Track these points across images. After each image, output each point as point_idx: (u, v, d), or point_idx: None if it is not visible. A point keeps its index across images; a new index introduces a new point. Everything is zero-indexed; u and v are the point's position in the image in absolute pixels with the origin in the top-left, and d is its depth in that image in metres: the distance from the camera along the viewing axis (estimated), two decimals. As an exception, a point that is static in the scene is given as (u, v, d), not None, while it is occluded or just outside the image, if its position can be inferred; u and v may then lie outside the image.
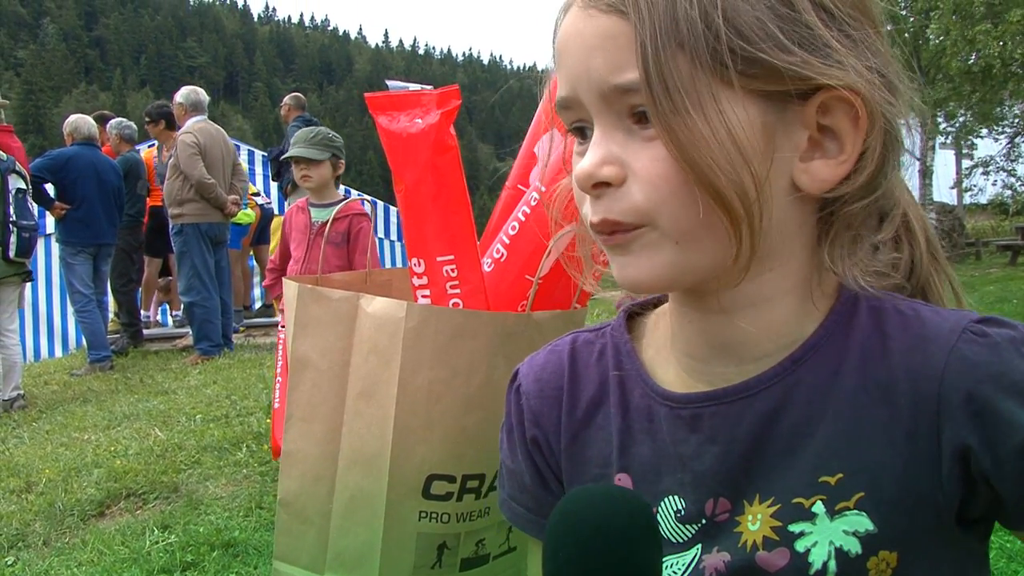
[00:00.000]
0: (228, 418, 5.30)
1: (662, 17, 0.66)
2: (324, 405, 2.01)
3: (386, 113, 2.01)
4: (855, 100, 0.70)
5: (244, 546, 3.39)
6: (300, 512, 2.06)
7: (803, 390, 0.76)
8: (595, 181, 0.71)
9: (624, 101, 0.70)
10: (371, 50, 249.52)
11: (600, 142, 0.72)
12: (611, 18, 0.69)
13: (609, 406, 0.88)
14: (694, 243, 0.71)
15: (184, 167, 7.09)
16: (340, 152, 4.37)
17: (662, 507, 0.83)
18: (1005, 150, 16.44)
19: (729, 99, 0.67)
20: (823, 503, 0.74)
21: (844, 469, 0.74)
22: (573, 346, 0.93)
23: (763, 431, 0.78)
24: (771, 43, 0.67)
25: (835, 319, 0.77)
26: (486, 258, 2.13)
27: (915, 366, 0.72)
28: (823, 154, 0.73)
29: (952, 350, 0.71)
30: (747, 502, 0.78)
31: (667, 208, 0.69)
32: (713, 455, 0.80)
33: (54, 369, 8.34)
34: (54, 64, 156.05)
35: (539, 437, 0.91)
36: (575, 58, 0.72)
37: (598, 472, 0.88)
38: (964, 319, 0.73)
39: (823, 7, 0.70)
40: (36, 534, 3.79)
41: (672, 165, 0.68)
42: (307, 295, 2.05)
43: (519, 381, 0.95)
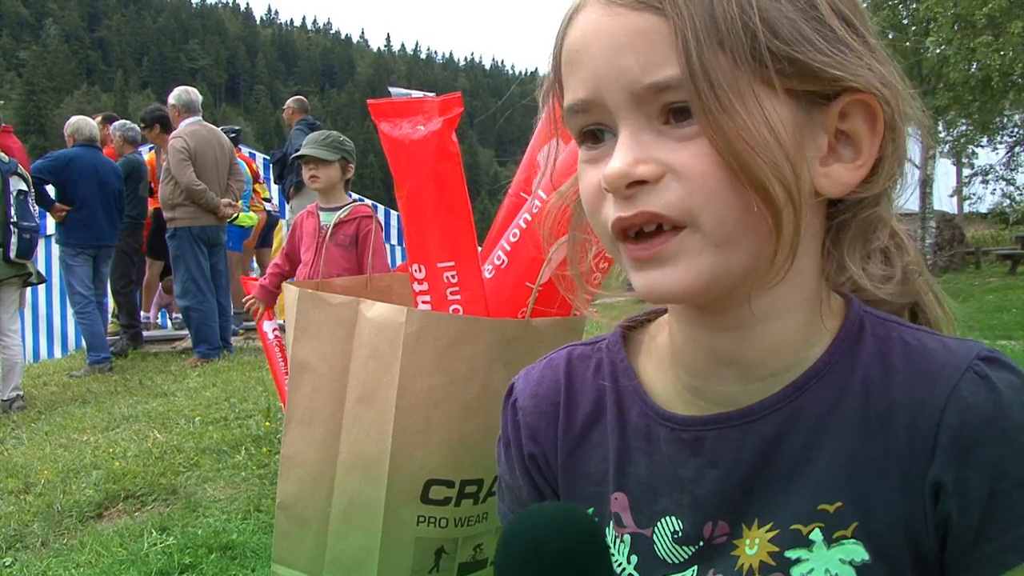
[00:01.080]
0: (227, 421, 5.30)
1: (701, 15, 0.66)
2: (323, 409, 2.02)
3: (388, 120, 2.02)
4: (873, 103, 0.72)
5: (242, 549, 3.39)
6: (299, 515, 2.07)
7: (805, 417, 0.76)
8: (631, 180, 0.69)
9: (657, 100, 0.69)
10: (373, 54, 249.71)
11: (628, 143, 0.70)
12: (643, 15, 0.68)
13: (606, 423, 0.87)
14: (734, 246, 0.70)
15: (174, 173, 7.10)
16: (350, 156, 4.38)
17: (659, 527, 0.83)
18: (1005, 159, 16.45)
19: (768, 97, 0.68)
20: (821, 531, 0.74)
21: (843, 498, 0.74)
22: (569, 360, 0.92)
23: (764, 457, 0.78)
24: (806, 43, 0.68)
25: (840, 345, 0.77)
26: (487, 265, 2.14)
27: (916, 402, 0.72)
28: (839, 159, 0.74)
29: (954, 389, 0.71)
30: (745, 526, 0.78)
31: (711, 206, 0.68)
32: (714, 478, 0.80)
33: (53, 370, 8.33)
34: (56, 65, 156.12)
35: (536, 453, 0.91)
36: (600, 58, 0.70)
37: (594, 490, 0.87)
38: (970, 354, 0.73)
39: (841, 15, 0.71)
40: (34, 535, 3.79)
41: (715, 161, 0.67)
42: (307, 300, 2.05)
43: (515, 396, 0.94)
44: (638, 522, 0.84)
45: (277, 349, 3.86)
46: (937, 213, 17.00)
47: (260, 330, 4.09)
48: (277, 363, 3.86)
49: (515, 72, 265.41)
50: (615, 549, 0.85)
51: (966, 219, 21.44)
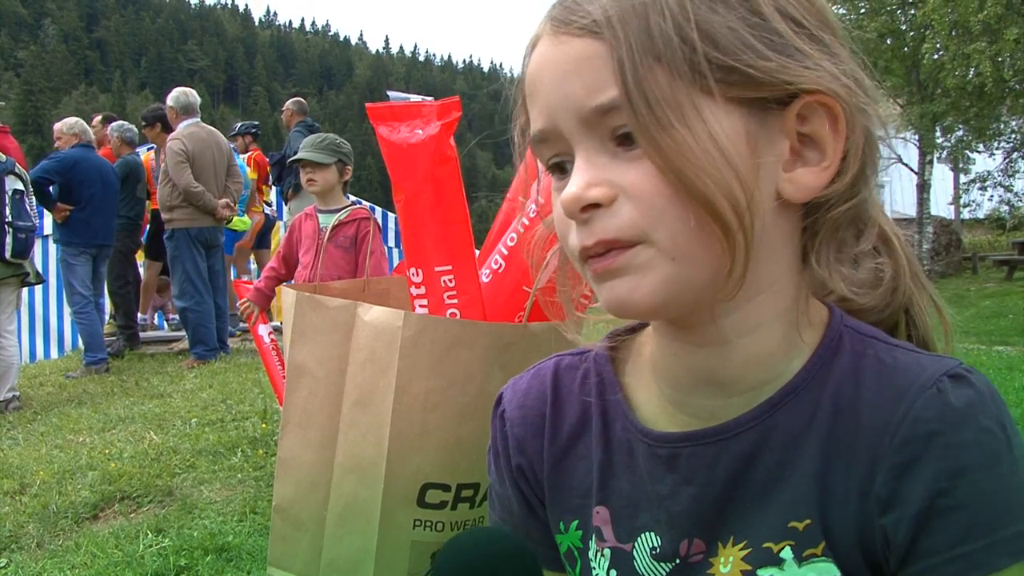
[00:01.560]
0: (223, 422, 5.29)
1: (636, 33, 0.66)
2: (320, 413, 2.02)
3: (386, 123, 2.02)
4: (831, 103, 0.71)
5: (238, 551, 3.39)
6: (295, 518, 2.07)
7: (779, 435, 0.76)
8: (584, 204, 0.70)
9: (605, 124, 0.69)
10: (371, 56, 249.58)
11: (583, 167, 0.71)
12: (584, 41, 0.69)
13: (591, 436, 0.87)
14: (690, 259, 0.69)
15: (171, 175, 7.11)
16: (347, 158, 4.38)
17: (639, 543, 0.83)
18: (1003, 166, 16.48)
19: (711, 108, 0.67)
20: (791, 548, 0.74)
21: (812, 516, 0.74)
22: (556, 371, 0.92)
23: (739, 474, 0.78)
24: (747, 50, 0.68)
25: (817, 362, 0.77)
26: (484, 269, 2.14)
27: (881, 422, 0.72)
28: (804, 163, 0.73)
29: (912, 406, 0.71)
30: (721, 544, 0.78)
31: (662, 223, 0.68)
32: (689, 496, 0.80)
33: (50, 371, 8.32)
34: (54, 65, 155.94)
35: (524, 465, 0.91)
36: (550, 87, 0.72)
37: (578, 503, 0.87)
38: (938, 372, 0.72)
39: (790, 16, 0.71)
40: (29, 536, 3.78)
41: (661, 180, 0.67)
42: (305, 303, 2.06)
43: (503, 407, 0.94)
44: (619, 537, 0.84)
45: (273, 352, 3.86)
46: (934, 218, 17.02)
47: (255, 334, 4.09)
48: (274, 366, 3.86)
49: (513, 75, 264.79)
50: (596, 563, 0.85)
51: (963, 224, 21.48)
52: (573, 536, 0.88)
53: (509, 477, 0.92)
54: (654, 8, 0.67)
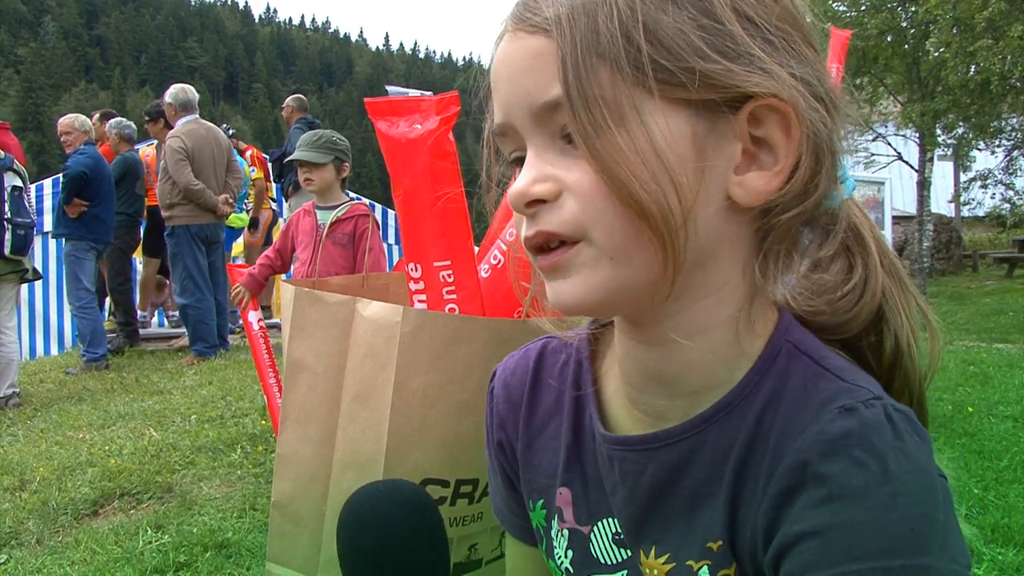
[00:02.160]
0: (223, 419, 5.29)
1: (583, 32, 0.67)
2: (319, 408, 2.02)
3: (385, 118, 2.02)
4: (783, 107, 0.70)
5: (237, 547, 3.39)
6: (294, 514, 2.06)
7: (707, 451, 0.76)
8: (528, 199, 0.71)
9: (554, 120, 0.70)
10: (371, 53, 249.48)
11: (532, 162, 0.72)
12: (537, 37, 0.69)
13: (562, 419, 0.89)
14: (628, 259, 0.70)
15: (171, 172, 7.12)
16: (344, 155, 4.35)
17: (600, 526, 0.85)
18: (1003, 163, 16.46)
19: (652, 110, 0.67)
20: (708, 568, 0.75)
21: (724, 538, 0.75)
22: (542, 353, 0.95)
23: (664, 485, 0.79)
24: (692, 52, 0.67)
25: (753, 377, 0.76)
26: (483, 264, 2.14)
27: (782, 448, 0.71)
28: (759, 166, 0.72)
29: (803, 434, 0.70)
30: (643, 552, 0.80)
31: (601, 222, 0.69)
32: (622, 496, 0.82)
33: (49, 367, 8.32)
34: (54, 62, 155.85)
35: (503, 441, 0.95)
36: (507, 82, 0.73)
37: (544, 482, 0.90)
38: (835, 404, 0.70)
39: (745, 16, 0.70)
40: (29, 532, 3.78)
41: (599, 180, 0.68)
42: (304, 298, 2.05)
43: (494, 383, 0.98)
44: (578, 519, 0.87)
45: (261, 340, 3.87)
46: (935, 216, 17.00)
47: (245, 320, 4.08)
48: (261, 353, 3.86)
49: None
50: (556, 542, 0.88)
51: (963, 222, 21.46)
52: (539, 515, 0.91)
53: (492, 452, 0.97)
54: (603, 7, 0.67)
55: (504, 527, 1.00)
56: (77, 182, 7.20)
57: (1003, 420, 4.87)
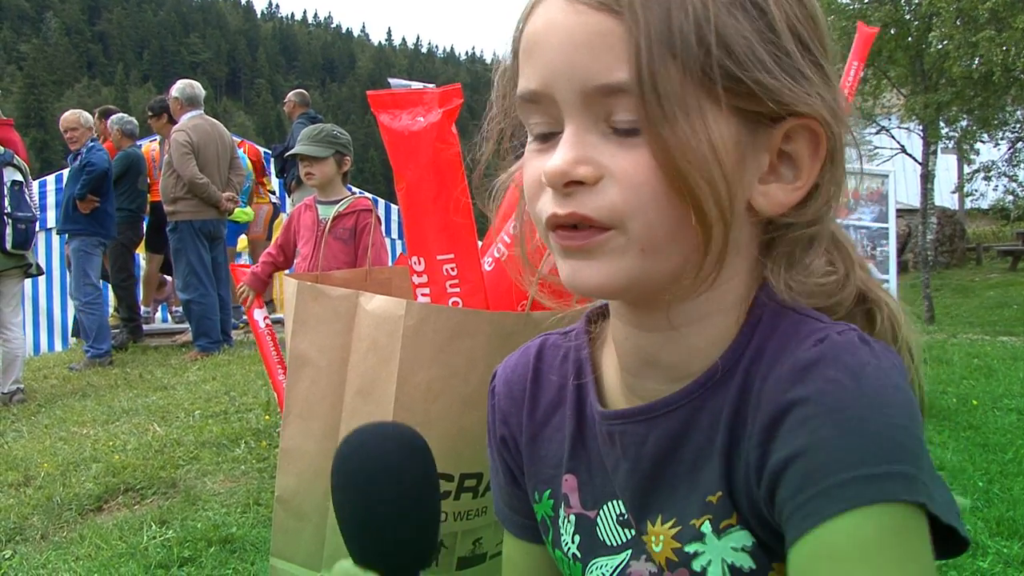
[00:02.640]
0: (227, 414, 5.30)
1: (657, 23, 0.66)
2: (322, 402, 2.01)
3: (388, 111, 2.01)
4: (819, 129, 0.72)
5: (241, 542, 3.39)
6: (297, 509, 2.06)
7: (706, 415, 0.77)
8: (569, 179, 0.70)
9: (605, 103, 0.69)
10: (374, 48, 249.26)
11: (573, 141, 0.70)
12: (601, 15, 0.67)
13: (565, 410, 0.90)
14: (658, 253, 0.70)
15: (176, 166, 7.13)
16: (345, 148, 4.33)
17: (604, 510, 0.86)
18: (1007, 155, 16.41)
19: (713, 113, 0.68)
20: (710, 522, 0.76)
21: (722, 488, 0.76)
22: (541, 348, 0.96)
23: (667, 453, 0.79)
24: (758, 65, 0.68)
25: (741, 341, 0.77)
26: (487, 257, 2.13)
27: (768, 389, 0.72)
28: (778, 179, 0.74)
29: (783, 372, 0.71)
30: (649, 522, 0.81)
31: (643, 213, 0.69)
32: (625, 471, 0.83)
33: (53, 363, 8.34)
34: (56, 58, 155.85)
35: (507, 436, 0.95)
36: (555, 52, 0.70)
37: (551, 472, 0.91)
38: (813, 337, 0.72)
39: (799, 37, 0.71)
40: (34, 528, 3.79)
41: (653, 171, 0.68)
42: (307, 292, 2.05)
43: (495, 382, 0.98)
44: (584, 504, 0.88)
45: (268, 337, 3.87)
46: (938, 209, 16.97)
47: (251, 318, 4.08)
48: (269, 351, 3.86)
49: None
50: (563, 529, 0.89)
51: (967, 215, 21.41)
52: (546, 505, 0.92)
53: (495, 448, 0.98)
54: (676, 1, 0.66)
55: (504, 526, 1.01)
56: (101, 178, 7.24)
57: (1008, 413, 4.86)
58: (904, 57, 13.87)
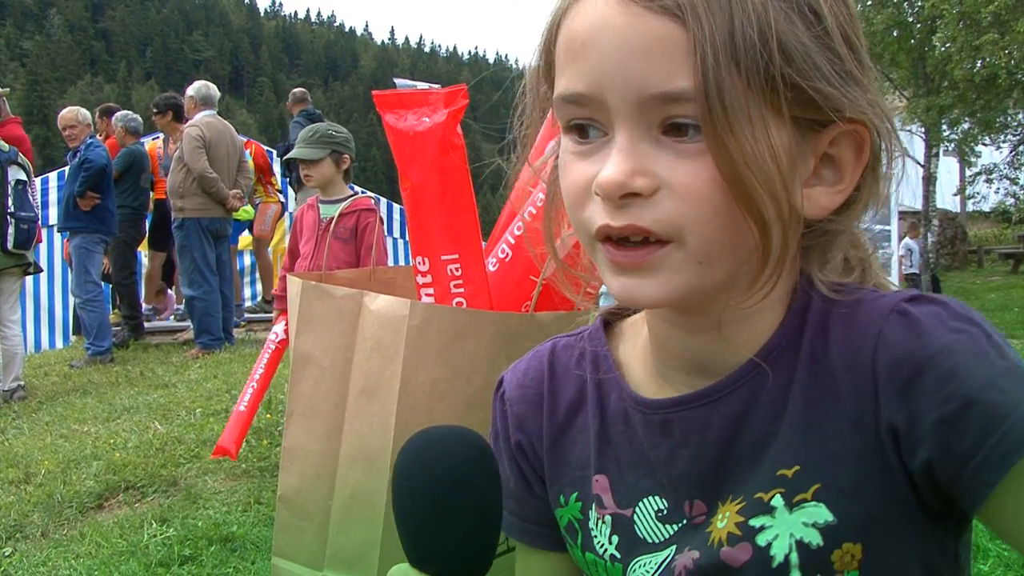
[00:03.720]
0: (228, 412, 5.27)
1: (721, 30, 0.64)
2: (326, 402, 2.01)
3: (393, 111, 2.01)
4: (865, 133, 0.71)
5: (242, 541, 3.39)
6: (300, 508, 2.06)
7: (766, 392, 0.77)
8: (626, 191, 0.68)
9: (662, 111, 0.67)
10: (377, 47, 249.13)
11: (628, 150, 0.68)
12: (661, 20, 0.65)
13: (587, 409, 0.89)
14: (715, 263, 0.70)
15: (187, 159, 7.14)
16: (342, 147, 4.29)
17: (641, 506, 0.84)
18: (1009, 158, 16.41)
19: (774, 122, 0.67)
20: (781, 496, 0.75)
21: (800, 461, 0.75)
22: (553, 351, 0.94)
23: (731, 434, 0.79)
24: (817, 73, 0.67)
25: (791, 319, 0.78)
26: (491, 258, 2.13)
27: (851, 358, 0.73)
28: (821, 182, 0.74)
29: (878, 336, 0.72)
30: (720, 503, 0.80)
31: (701, 225, 0.68)
32: (685, 459, 0.81)
33: (54, 360, 8.34)
34: (60, 55, 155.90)
35: (523, 442, 0.93)
36: (608, 55, 0.68)
37: (578, 474, 0.89)
38: (895, 299, 0.74)
39: (848, 39, 0.70)
40: (34, 525, 3.79)
41: (714, 182, 0.67)
42: (311, 292, 2.05)
43: (503, 388, 0.96)
44: (619, 503, 0.86)
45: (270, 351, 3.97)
46: (940, 211, 16.97)
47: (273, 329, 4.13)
48: (260, 361, 3.97)
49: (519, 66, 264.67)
50: (597, 531, 0.87)
51: (969, 218, 21.41)
52: (573, 508, 0.90)
53: (508, 456, 0.95)
54: (738, 8, 0.65)
55: (516, 539, 0.97)
56: (100, 175, 7.23)
57: (1010, 416, 4.86)
58: (907, 60, 13.87)
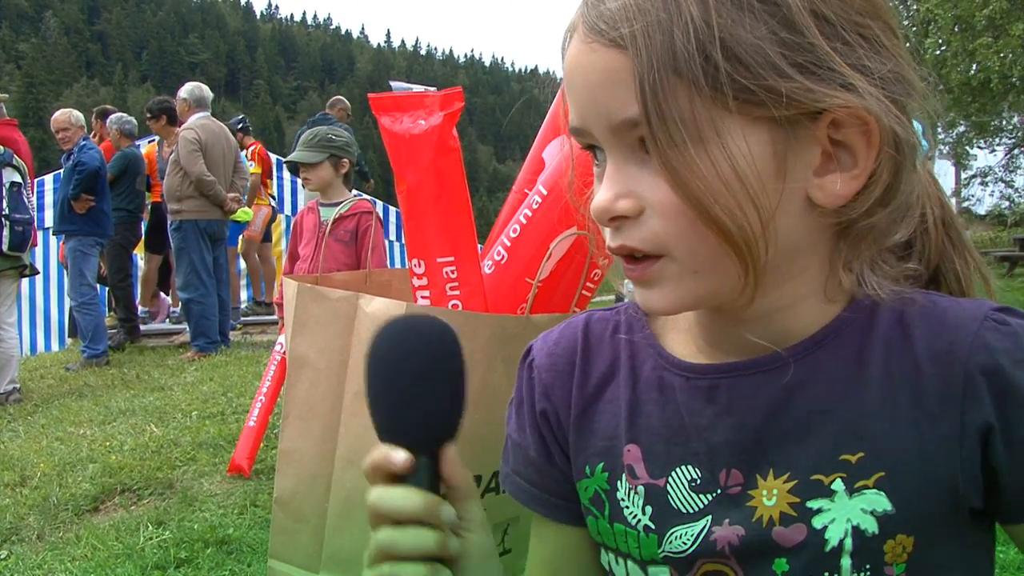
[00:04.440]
0: (224, 415, 5.29)
1: (659, 50, 0.66)
2: (322, 404, 2.01)
3: (389, 114, 2.01)
4: (865, 118, 0.69)
5: (238, 543, 3.39)
6: (296, 511, 2.06)
7: (823, 371, 0.78)
8: (612, 215, 0.72)
9: (632, 134, 0.70)
10: (373, 50, 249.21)
11: (614, 176, 0.72)
12: (611, 52, 0.69)
13: (619, 380, 0.89)
14: (712, 272, 0.72)
15: (184, 163, 7.12)
16: (341, 151, 4.32)
17: (673, 477, 0.84)
18: (1004, 161, 16.46)
19: (731, 128, 0.67)
20: (843, 480, 0.75)
21: (865, 449, 0.75)
22: (588, 322, 0.94)
23: (779, 406, 0.79)
24: (772, 70, 0.66)
25: (856, 308, 0.79)
26: (487, 260, 2.14)
27: (940, 351, 0.74)
28: (838, 167, 0.72)
29: (976, 336, 0.73)
30: (760, 476, 0.79)
31: (684, 241, 0.70)
32: (728, 426, 0.81)
33: (50, 363, 8.32)
34: (55, 58, 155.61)
35: (548, 410, 0.92)
36: (581, 92, 0.73)
37: (604, 444, 0.88)
38: (984, 307, 0.76)
39: (823, 17, 0.68)
40: (30, 528, 3.79)
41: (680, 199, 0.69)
42: (306, 294, 2.05)
43: (532, 356, 0.96)
44: (651, 473, 0.85)
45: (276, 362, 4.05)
46: (936, 214, 17.00)
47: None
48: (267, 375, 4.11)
49: (515, 69, 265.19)
50: (629, 501, 0.86)
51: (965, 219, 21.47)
52: (600, 479, 0.89)
53: (531, 423, 0.94)
54: (678, 23, 0.65)
55: (527, 503, 0.96)
56: (93, 177, 7.21)
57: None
58: (902, 63, 13.92)
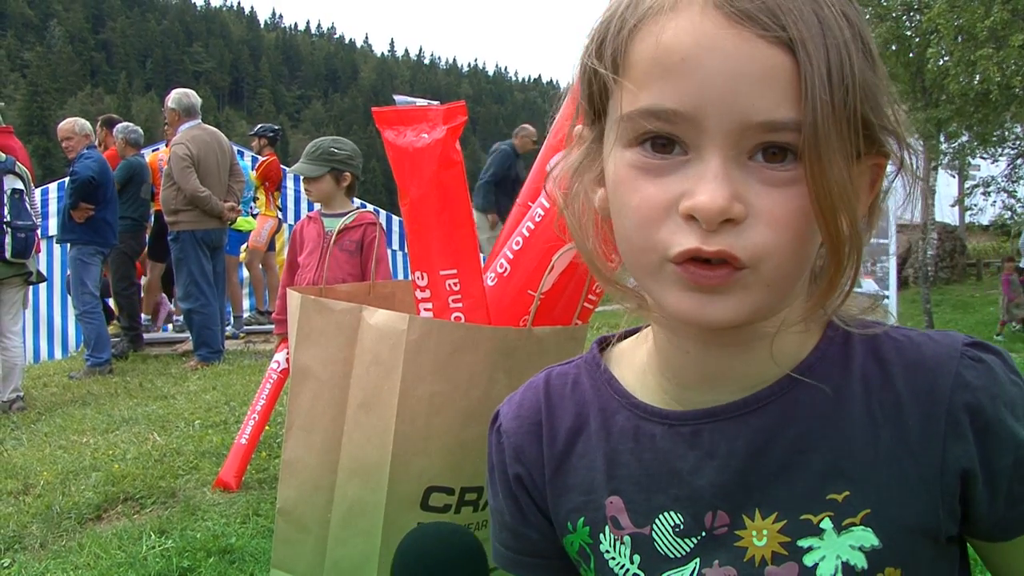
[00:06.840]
0: (227, 424, 5.30)
1: (825, 64, 0.67)
2: (324, 415, 2.02)
3: (393, 127, 2.03)
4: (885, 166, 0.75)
5: (241, 553, 3.39)
6: (298, 521, 2.07)
7: (801, 409, 0.79)
8: (726, 217, 0.68)
9: (760, 137, 0.68)
10: (377, 59, 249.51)
11: (724, 176, 0.68)
12: (775, 50, 0.67)
13: (590, 432, 0.89)
14: (781, 288, 0.73)
15: (177, 180, 7.12)
16: (343, 164, 4.28)
17: (658, 522, 0.84)
18: (1007, 171, 16.44)
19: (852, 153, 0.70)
20: (831, 519, 0.77)
21: (851, 487, 0.77)
22: (548, 380, 0.95)
23: (761, 447, 0.80)
24: (881, 112, 0.71)
25: (827, 343, 0.81)
26: (489, 272, 2.15)
27: (922, 390, 0.77)
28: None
29: (956, 375, 0.76)
30: (747, 516, 0.80)
31: (780, 254, 0.70)
32: (712, 469, 0.82)
33: (54, 371, 8.33)
34: (60, 66, 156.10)
35: (522, 474, 0.93)
36: (715, 79, 0.67)
37: (583, 499, 0.89)
38: (956, 342, 0.78)
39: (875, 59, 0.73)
40: (33, 536, 3.79)
41: (801, 211, 0.69)
42: (310, 306, 2.06)
43: (500, 421, 0.96)
44: (635, 522, 0.86)
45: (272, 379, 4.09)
46: (938, 224, 17.00)
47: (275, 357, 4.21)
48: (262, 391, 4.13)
49: (518, 78, 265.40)
50: (615, 552, 0.87)
51: (967, 230, 21.44)
52: (582, 533, 0.90)
53: (504, 489, 0.95)
54: (833, 45, 0.67)
55: (506, 567, 0.97)
56: (86, 187, 7.22)
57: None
58: (905, 73, 13.90)
